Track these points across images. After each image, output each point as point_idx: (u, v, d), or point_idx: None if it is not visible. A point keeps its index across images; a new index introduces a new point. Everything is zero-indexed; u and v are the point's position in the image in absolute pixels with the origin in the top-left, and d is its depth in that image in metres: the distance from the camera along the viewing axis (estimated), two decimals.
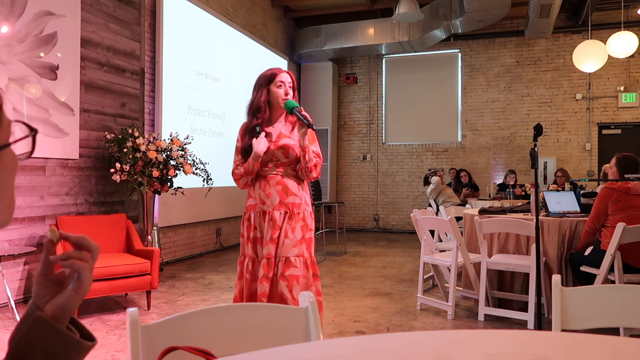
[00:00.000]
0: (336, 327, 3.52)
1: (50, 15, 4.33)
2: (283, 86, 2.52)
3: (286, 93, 2.51)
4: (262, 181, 2.50)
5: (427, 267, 4.25)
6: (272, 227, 2.43)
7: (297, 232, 2.44)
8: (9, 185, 0.59)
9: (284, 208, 2.45)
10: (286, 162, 2.49)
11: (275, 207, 2.45)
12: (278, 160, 2.49)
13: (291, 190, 2.48)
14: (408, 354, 0.84)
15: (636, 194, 3.37)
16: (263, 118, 2.51)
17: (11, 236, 4.03)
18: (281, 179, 2.48)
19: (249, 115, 2.55)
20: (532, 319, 3.40)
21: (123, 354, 2.92)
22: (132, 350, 0.96)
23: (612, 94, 8.92)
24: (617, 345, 0.90)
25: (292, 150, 2.47)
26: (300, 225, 2.46)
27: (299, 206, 2.48)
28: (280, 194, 2.46)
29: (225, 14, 7.41)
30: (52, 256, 0.68)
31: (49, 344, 0.63)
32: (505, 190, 7.16)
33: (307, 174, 2.47)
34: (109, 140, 4.74)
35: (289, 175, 2.50)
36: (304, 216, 2.49)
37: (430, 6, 8.27)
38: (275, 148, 2.47)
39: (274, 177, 2.49)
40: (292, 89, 2.56)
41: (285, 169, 2.50)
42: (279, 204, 2.45)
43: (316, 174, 2.50)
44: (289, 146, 2.47)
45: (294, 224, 2.44)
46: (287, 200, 2.46)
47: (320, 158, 2.52)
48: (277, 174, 2.49)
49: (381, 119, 10.27)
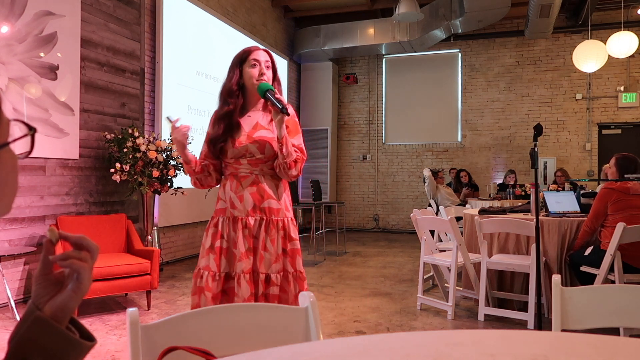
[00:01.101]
0: (336, 327, 3.51)
1: (50, 15, 4.33)
2: (257, 65, 2.11)
3: (261, 73, 2.10)
4: (233, 181, 2.10)
5: (427, 267, 4.25)
6: (249, 236, 2.04)
7: (278, 245, 2.06)
8: (9, 185, 0.59)
9: (259, 214, 2.06)
10: (262, 159, 2.08)
11: (249, 212, 2.05)
12: (252, 156, 2.07)
13: (268, 193, 2.08)
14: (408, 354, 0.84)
15: (636, 194, 3.37)
16: (236, 104, 2.11)
17: (11, 236, 4.03)
18: (256, 178, 2.08)
19: (220, 101, 2.17)
20: (532, 319, 3.40)
21: (123, 354, 2.92)
22: (132, 350, 0.96)
23: (612, 94, 8.92)
24: (617, 345, 0.90)
25: (270, 144, 2.06)
26: (280, 236, 2.08)
27: (277, 212, 2.08)
28: (255, 197, 2.06)
29: (225, 14, 7.41)
30: (52, 256, 0.68)
31: (48, 343, 0.63)
32: (505, 190, 7.16)
33: (286, 171, 2.06)
34: (109, 140, 4.74)
35: (265, 174, 2.10)
36: (284, 224, 2.10)
37: (430, 6, 8.27)
38: (248, 141, 2.07)
39: (248, 176, 2.08)
40: (271, 70, 2.16)
41: (262, 166, 2.09)
42: (253, 209, 2.05)
43: (297, 172, 2.09)
44: (265, 139, 2.07)
45: (273, 234, 2.06)
46: (263, 205, 2.07)
47: (303, 153, 2.13)
48: (252, 172, 2.08)
49: (381, 119, 10.27)
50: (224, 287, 2.03)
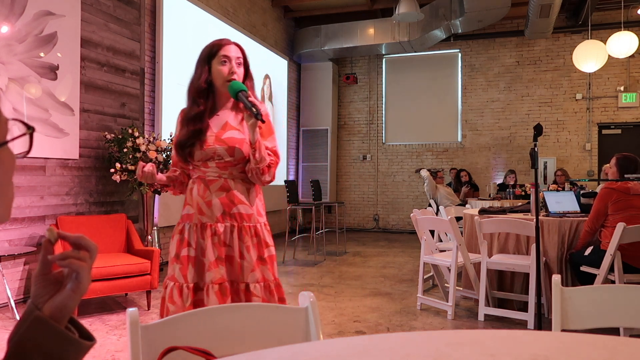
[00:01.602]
0: (336, 327, 3.51)
1: (50, 15, 4.33)
2: (228, 62, 1.95)
3: (231, 71, 1.95)
4: (200, 185, 1.95)
5: (427, 267, 4.25)
6: (218, 243, 1.90)
7: (252, 253, 1.92)
8: (6, 184, 0.59)
9: (229, 220, 1.92)
10: (231, 162, 1.93)
11: (218, 219, 1.91)
12: (221, 159, 1.93)
13: (238, 198, 1.94)
14: (408, 354, 0.84)
15: (636, 194, 3.37)
16: (206, 105, 1.97)
17: (11, 236, 4.03)
18: (225, 182, 1.94)
19: (189, 101, 2.02)
20: (532, 319, 3.40)
21: (123, 354, 2.92)
22: (132, 350, 0.96)
23: (612, 94, 8.92)
24: (617, 345, 0.89)
25: (240, 146, 1.92)
26: (254, 243, 1.94)
27: (249, 217, 1.95)
28: (225, 203, 1.92)
29: (225, 14, 7.41)
30: (51, 256, 0.67)
31: (47, 343, 0.63)
32: (505, 190, 7.16)
33: (259, 176, 1.92)
34: (109, 140, 4.74)
35: (235, 178, 1.95)
36: (257, 230, 1.96)
37: (430, 6, 8.27)
38: (217, 143, 1.92)
39: (216, 180, 1.93)
40: (243, 67, 2.00)
41: (231, 170, 1.94)
42: (222, 216, 1.91)
43: (270, 177, 1.96)
44: (235, 141, 1.93)
45: (247, 241, 1.92)
46: (233, 211, 1.92)
47: (277, 157, 1.99)
48: (220, 176, 1.94)
49: (381, 119, 10.27)
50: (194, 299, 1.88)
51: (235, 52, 1.97)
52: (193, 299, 1.88)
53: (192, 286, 1.89)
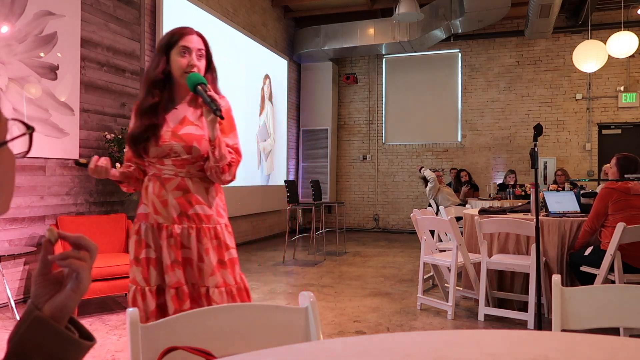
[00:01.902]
0: (336, 327, 3.51)
1: (50, 15, 4.33)
2: (187, 54, 1.83)
3: (190, 64, 1.82)
4: (156, 183, 1.83)
5: (427, 267, 4.25)
6: (175, 246, 1.79)
7: (212, 255, 1.81)
8: (6, 183, 0.59)
9: (187, 222, 1.80)
10: (189, 160, 1.81)
11: (174, 220, 1.80)
12: (177, 156, 1.81)
13: (196, 198, 1.82)
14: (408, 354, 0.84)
15: (636, 194, 3.37)
16: (161, 96, 1.84)
17: (11, 236, 4.03)
18: (182, 181, 1.82)
19: (143, 92, 1.87)
20: (532, 319, 3.40)
21: (123, 354, 2.92)
22: (132, 350, 0.96)
23: (612, 94, 8.92)
24: (617, 345, 0.89)
25: (198, 143, 1.80)
26: (214, 245, 1.83)
27: (208, 218, 1.83)
28: (182, 203, 1.81)
29: (225, 14, 7.41)
30: (51, 256, 0.67)
31: (47, 343, 0.63)
32: (505, 190, 7.16)
33: (219, 175, 1.81)
34: (109, 140, 4.74)
35: (193, 176, 1.84)
36: (217, 232, 1.84)
37: (430, 6, 8.27)
38: (173, 139, 1.80)
39: (172, 178, 1.82)
40: (204, 59, 1.89)
41: (188, 168, 1.82)
42: (179, 217, 1.80)
43: (231, 177, 1.84)
44: (192, 137, 1.81)
45: (206, 243, 1.81)
46: (191, 212, 1.81)
47: (238, 154, 1.88)
48: (177, 174, 1.82)
49: (381, 119, 10.27)
50: (158, 302, 1.80)
51: (197, 43, 1.85)
52: (157, 302, 1.80)
53: (154, 289, 1.80)
